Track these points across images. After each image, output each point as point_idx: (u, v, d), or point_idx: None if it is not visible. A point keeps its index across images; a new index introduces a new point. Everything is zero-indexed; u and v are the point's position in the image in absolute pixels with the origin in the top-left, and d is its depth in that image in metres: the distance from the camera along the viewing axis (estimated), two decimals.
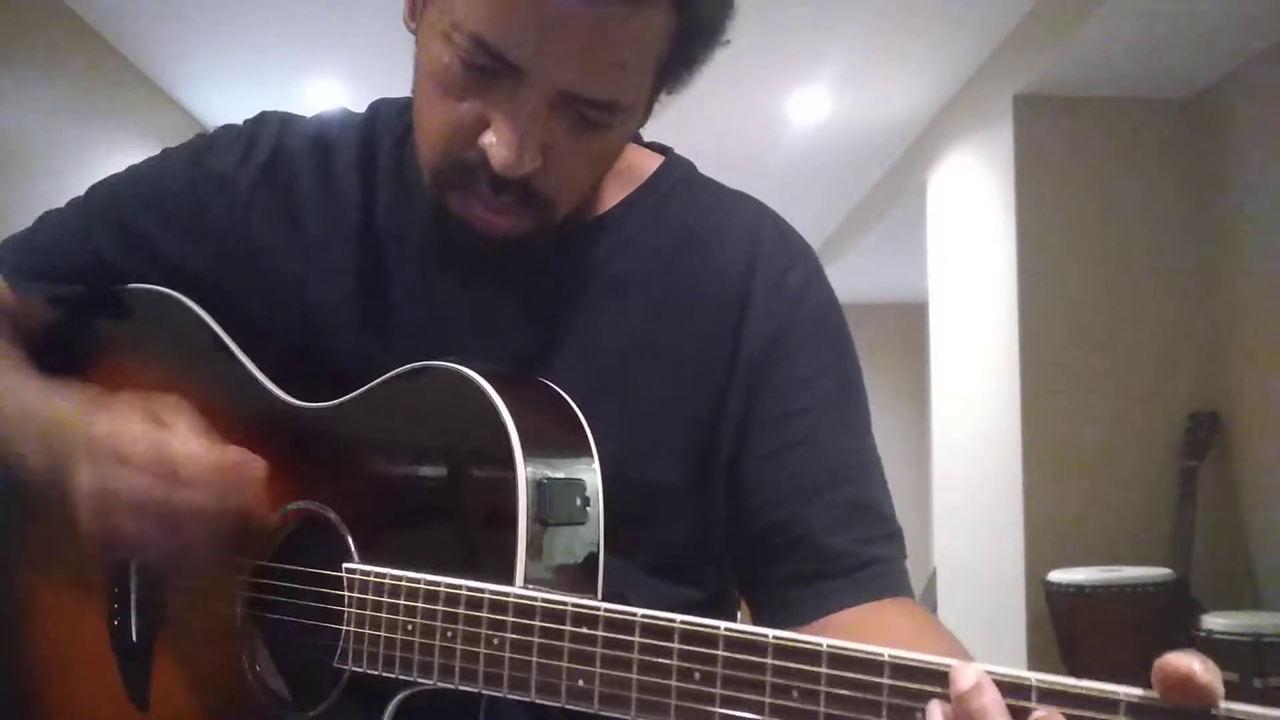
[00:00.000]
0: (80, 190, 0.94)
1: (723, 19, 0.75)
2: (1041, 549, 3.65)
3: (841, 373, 0.83)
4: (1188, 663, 0.45)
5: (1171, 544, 3.47)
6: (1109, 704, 0.48)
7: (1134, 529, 3.62)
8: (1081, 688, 0.49)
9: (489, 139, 0.71)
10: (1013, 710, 0.49)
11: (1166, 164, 3.81)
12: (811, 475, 0.79)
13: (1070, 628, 3.39)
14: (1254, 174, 3.53)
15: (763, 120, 4.84)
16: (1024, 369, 3.75)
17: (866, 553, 0.78)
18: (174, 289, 0.88)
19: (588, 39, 0.68)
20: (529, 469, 0.68)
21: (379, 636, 0.70)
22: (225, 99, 4.63)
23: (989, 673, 0.50)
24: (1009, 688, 0.50)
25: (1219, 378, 3.67)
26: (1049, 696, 0.49)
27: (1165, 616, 3.23)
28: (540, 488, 0.68)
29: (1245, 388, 3.56)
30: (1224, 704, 0.46)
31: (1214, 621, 3.08)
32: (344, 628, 0.72)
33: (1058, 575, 3.42)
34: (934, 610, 4.72)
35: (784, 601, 0.78)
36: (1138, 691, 0.48)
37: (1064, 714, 0.48)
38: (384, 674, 0.69)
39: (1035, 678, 0.49)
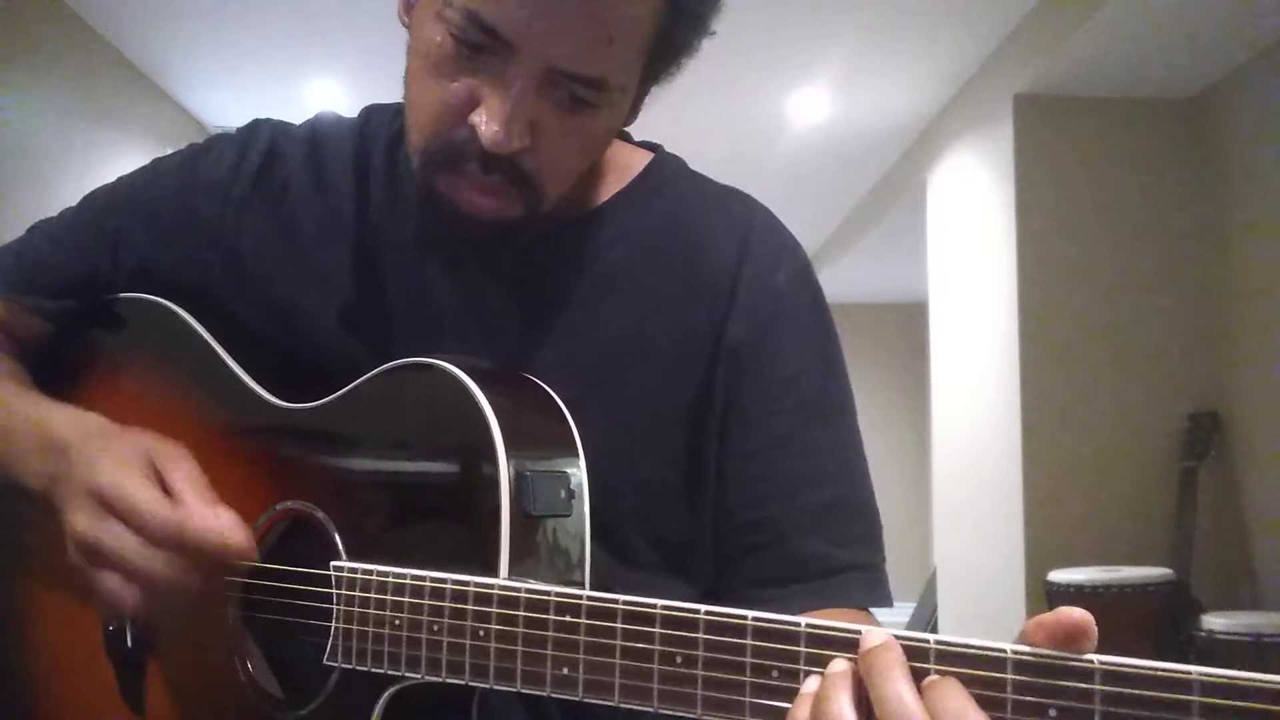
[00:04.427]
0: (79, 190, 0.94)
1: (710, 7, 0.76)
2: (1041, 549, 3.65)
3: (825, 370, 0.83)
4: (1067, 613, 0.48)
5: (1171, 544, 3.46)
6: (997, 662, 0.50)
7: (1134, 529, 3.61)
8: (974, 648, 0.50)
9: (479, 116, 0.72)
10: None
11: (1166, 164, 3.80)
12: (790, 475, 0.79)
13: None
14: (1254, 174, 3.53)
15: (762, 120, 4.85)
16: (1024, 369, 3.75)
17: (839, 558, 0.78)
18: (166, 296, 0.88)
19: (578, 15, 0.69)
20: (511, 462, 0.68)
21: (367, 632, 0.70)
22: (225, 99, 4.64)
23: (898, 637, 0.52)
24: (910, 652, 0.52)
25: (1219, 378, 3.66)
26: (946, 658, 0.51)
27: (1165, 616, 3.23)
28: (523, 480, 0.68)
29: (1245, 388, 3.55)
30: (1098, 657, 0.48)
31: (1214, 621, 3.08)
32: (333, 625, 0.72)
33: (1058, 575, 3.42)
34: (934, 610, 4.72)
35: (747, 602, 0.77)
36: (1025, 649, 0.50)
37: (958, 673, 0.50)
38: (373, 669, 0.69)
39: (934, 639, 0.52)
